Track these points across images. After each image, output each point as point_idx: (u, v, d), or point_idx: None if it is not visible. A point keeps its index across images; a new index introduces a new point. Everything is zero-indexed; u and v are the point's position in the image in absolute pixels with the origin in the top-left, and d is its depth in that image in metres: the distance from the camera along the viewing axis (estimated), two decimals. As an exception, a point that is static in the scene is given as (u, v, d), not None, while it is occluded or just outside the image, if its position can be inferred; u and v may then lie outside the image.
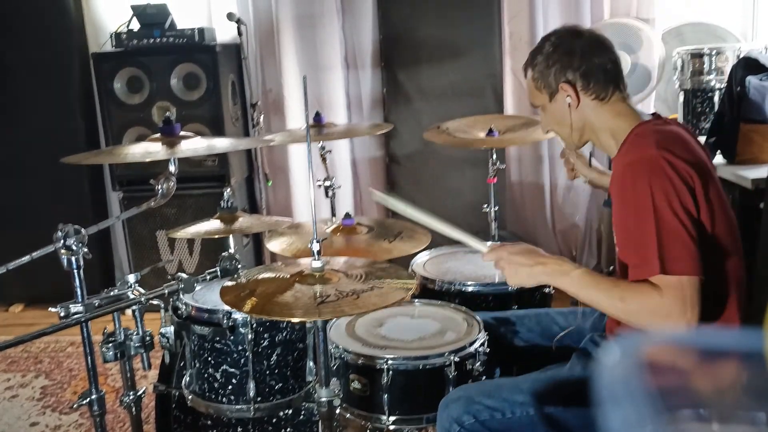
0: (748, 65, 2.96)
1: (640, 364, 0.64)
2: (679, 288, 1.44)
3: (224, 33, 3.98)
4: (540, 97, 1.76)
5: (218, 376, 1.98)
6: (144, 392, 1.94)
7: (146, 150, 1.92)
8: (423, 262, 2.50)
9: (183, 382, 2.08)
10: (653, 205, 1.47)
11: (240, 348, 1.95)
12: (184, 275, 1.84)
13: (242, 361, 1.95)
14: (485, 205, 2.76)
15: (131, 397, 1.90)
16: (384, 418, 1.84)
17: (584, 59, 1.68)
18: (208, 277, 1.96)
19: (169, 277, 1.83)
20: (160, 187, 1.87)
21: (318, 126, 2.58)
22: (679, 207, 1.47)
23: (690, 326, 1.44)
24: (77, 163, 1.90)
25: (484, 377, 1.89)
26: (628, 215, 1.55)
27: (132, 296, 1.76)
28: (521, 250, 1.62)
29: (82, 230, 1.67)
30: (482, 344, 1.89)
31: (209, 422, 2.19)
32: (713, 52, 3.36)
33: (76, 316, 1.65)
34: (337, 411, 1.73)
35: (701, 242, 1.50)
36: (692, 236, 1.47)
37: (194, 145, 1.97)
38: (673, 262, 1.45)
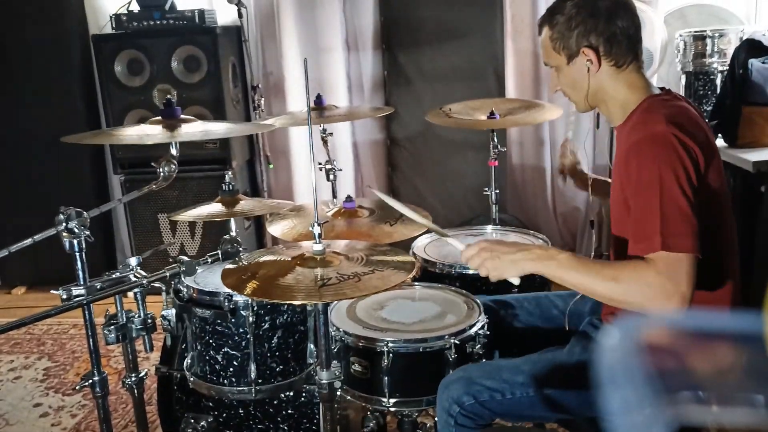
0: (750, 48, 2.95)
1: (640, 346, 0.64)
2: (677, 264, 1.41)
3: (225, 15, 3.96)
4: (557, 58, 1.69)
5: (219, 358, 1.99)
6: (146, 374, 1.95)
7: (146, 132, 1.91)
8: (424, 245, 2.50)
9: (184, 364, 2.09)
10: (660, 181, 1.44)
11: (241, 331, 1.96)
12: (185, 258, 1.84)
13: (243, 343, 1.96)
14: (486, 188, 2.76)
15: (133, 379, 1.91)
16: (384, 400, 1.85)
17: (609, 23, 1.62)
18: (209, 260, 1.97)
19: (171, 260, 1.83)
20: (161, 169, 1.86)
21: (319, 108, 2.57)
22: (686, 183, 1.45)
23: (684, 303, 1.40)
24: (77, 142, 1.90)
25: (483, 360, 1.90)
26: (632, 191, 1.52)
27: (134, 279, 1.76)
28: (500, 240, 1.58)
29: (84, 213, 1.66)
30: (482, 327, 1.89)
31: (211, 404, 2.20)
32: (716, 35, 3.33)
33: (78, 299, 1.66)
34: (338, 393, 1.74)
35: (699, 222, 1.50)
36: (696, 214, 1.44)
37: (194, 129, 1.96)
38: (675, 239, 1.42)
